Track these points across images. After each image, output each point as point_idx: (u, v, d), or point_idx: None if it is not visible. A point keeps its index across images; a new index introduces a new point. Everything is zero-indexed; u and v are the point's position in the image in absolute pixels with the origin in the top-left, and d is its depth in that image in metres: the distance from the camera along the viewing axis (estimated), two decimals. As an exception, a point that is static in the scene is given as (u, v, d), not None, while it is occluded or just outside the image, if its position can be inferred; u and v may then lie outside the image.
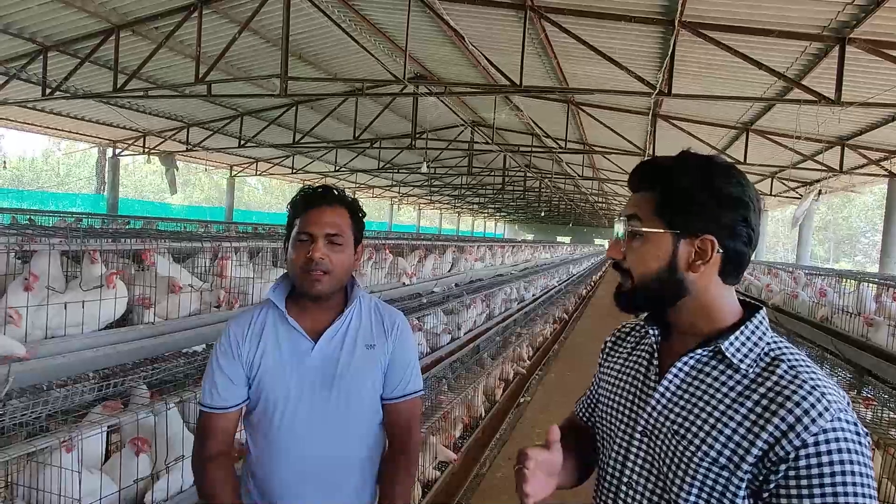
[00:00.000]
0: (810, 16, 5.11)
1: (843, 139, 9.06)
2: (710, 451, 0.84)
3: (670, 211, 0.90)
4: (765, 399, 0.83)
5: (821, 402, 0.80)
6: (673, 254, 0.90)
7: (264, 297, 1.45)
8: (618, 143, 10.76)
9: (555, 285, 13.03)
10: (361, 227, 1.41)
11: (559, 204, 28.16)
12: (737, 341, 0.89)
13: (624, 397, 1.00)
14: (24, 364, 1.99)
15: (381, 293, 4.36)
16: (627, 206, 0.96)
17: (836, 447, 0.78)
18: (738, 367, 0.87)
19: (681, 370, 0.92)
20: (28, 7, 6.45)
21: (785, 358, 0.86)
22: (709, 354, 0.91)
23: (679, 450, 0.88)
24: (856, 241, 43.50)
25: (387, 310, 1.47)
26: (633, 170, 0.98)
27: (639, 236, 0.92)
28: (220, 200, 27.78)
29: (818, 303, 4.77)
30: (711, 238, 0.89)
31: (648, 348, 1.01)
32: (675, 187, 0.90)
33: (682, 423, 0.89)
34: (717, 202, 0.88)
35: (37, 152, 35.86)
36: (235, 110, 11.52)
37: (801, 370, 0.84)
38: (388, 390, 1.41)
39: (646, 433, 0.94)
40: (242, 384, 1.34)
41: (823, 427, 0.78)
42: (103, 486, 1.92)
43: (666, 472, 0.90)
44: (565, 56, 7.29)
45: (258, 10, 6.16)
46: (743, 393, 0.85)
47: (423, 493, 3.55)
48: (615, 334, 1.15)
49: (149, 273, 2.64)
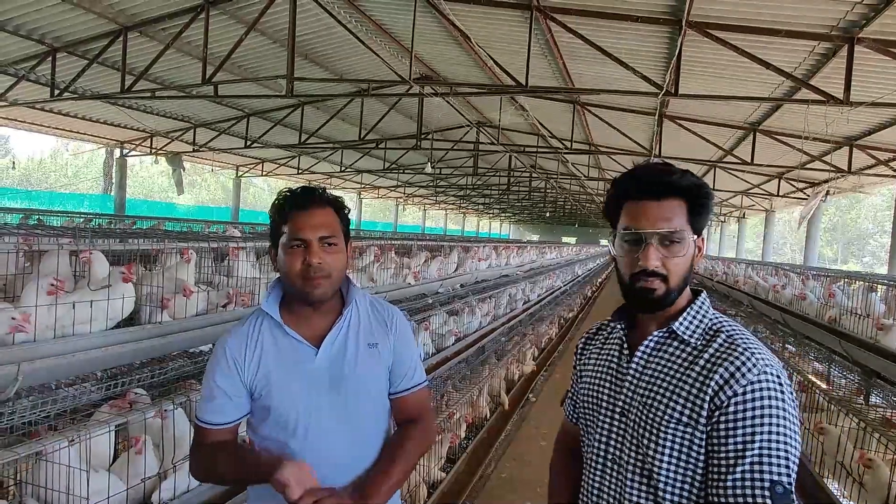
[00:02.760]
0: (819, 15, 5.08)
1: (851, 139, 8.99)
2: (674, 413, 0.99)
3: (695, 216, 1.04)
4: (708, 363, 0.99)
5: (750, 360, 0.95)
6: (694, 253, 1.05)
7: (255, 308, 1.40)
8: (624, 143, 10.72)
9: (560, 286, 13.00)
10: (348, 224, 1.38)
11: (564, 204, 28.11)
12: (685, 321, 1.05)
13: (603, 386, 1.13)
14: (33, 363, 2.00)
15: (386, 294, 4.36)
16: (660, 217, 1.02)
17: (759, 395, 0.92)
18: (688, 342, 1.04)
19: (645, 350, 1.08)
20: (38, 9, 6.51)
21: (724, 329, 1.03)
22: (665, 335, 1.07)
23: (650, 417, 1.02)
24: (864, 242, 43.15)
25: (384, 306, 1.45)
26: (643, 177, 1.06)
27: (682, 244, 1.02)
28: (225, 201, 27.93)
29: (826, 304, 4.73)
30: (704, 237, 1.08)
31: (618, 340, 1.15)
32: (703, 196, 1.05)
33: (649, 395, 1.03)
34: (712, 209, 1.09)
35: (45, 153, 36.16)
36: (242, 111, 11.57)
37: (736, 337, 1.00)
38: (394, 385, 1.40)
39: (624, 413, 1.07)
40: (242, 398, 1.31)
41: (750, 379, 0.93)
42: (111, 485, 1.93)
43: (641, 440, 1.03)
44: (571, 56, 7.28)
45: (265, 10, 6.18)
46: (693, 361, 1.01)
47: (428, 493, 3.55)
48: (584, 337, 1.28)
49: (157, 273, 2.66)
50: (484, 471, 4.22)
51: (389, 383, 1.40)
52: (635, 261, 1.02)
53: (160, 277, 2.63)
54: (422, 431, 1.40)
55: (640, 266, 1.02)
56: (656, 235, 1.01)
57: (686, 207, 1.03)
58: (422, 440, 1.40)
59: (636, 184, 1.06)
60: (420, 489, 3.44)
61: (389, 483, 1.29)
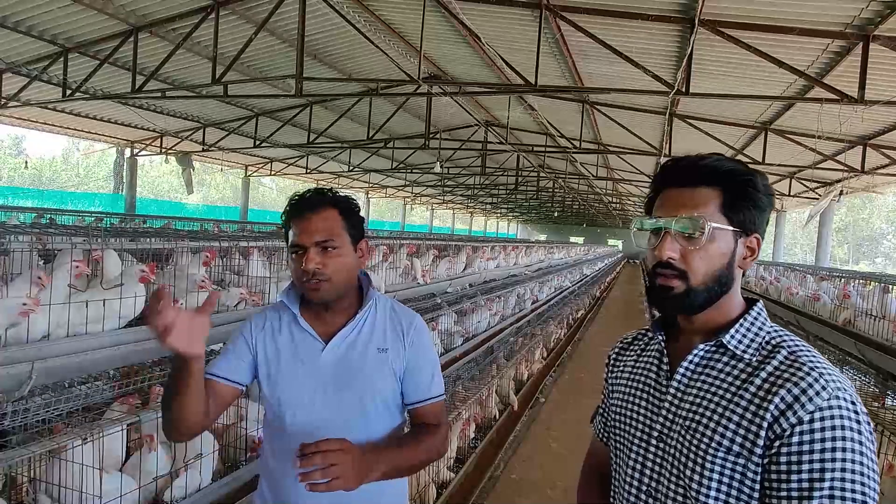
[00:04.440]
0: (833, 13, 5.02)
1: (864, 139, 8.88)
2: (723, 440, 0.84)
3: (735, 209, 0.90)
4: (766, 383, 0.84)
5: (818, 382, 0.81)
6: (733, 252, 0.91)
7: (277, 300, 1.44)
8: (633, 142, 10.66)
9: (568, 286, 12.95)
10: (358, 224, 1.36)
11: (572, 204, 28.00)
12: (738, 333, 0.91)
13: (637, 405, 1.00)
14: (46, 361, 2.01)
15: (395, 293, 4.36)
16: (681, 203, 0.91)
17: (829, 424, 0.78)
18: (741, 357, 0.89)
19: (688, 366, 0.94)
20: (50, 10, 6.57)
21: (785, 345, 0.88)
22: (713, 348, 0.92)
23: (694, 444, 0.88)
24: (877, 242, 42.65)
25: (403, 312, 1.43)
26: (676, 164, 0.94)
27: (703, 234, 0.88)
28: (234, 200, 28.07)
29: (841, 305, 4.67)
30: (758, 237, 0.93)
31: (656, 353, 1.02)
32: (744, 184, 0.90)
33: (694, 417, 0.89)
34: (770, 205, 0.93)
35: (56, 152, 36.55)
36: (251, 111, 11.62)
37: (800, 354, 0.86)
38: (409, 396, 1.39)
39: (661, 438, 0.94)
40: (242, 367, 1.34)
41: (819, 405, 0.79)
42: (123, 484, 1.93)
43: (683, 471, 0.89)
44: (581, 55, 7.24)
45: (274, 10, 6.20)
46: (747, 380, 0.87)
47: (437, 494, 3.54)
48: (618, 346, 1.15)
49: (170, 272, 2.67)
50: (493, 472, 4.20)
51: (403, 394, 1.39)
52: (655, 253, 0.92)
53: (172, 276, 2.64)
54: (432, 437, 1.38)
55: (656, 257, 0.91)
56: (674, 223, 0.89)
57: (721, 197, 0.90)
58: (430, 444, 1.39)
59: (666, 171, 0.95)
60: (429, 489, 3.43)
61: (390, 456, 1.27)
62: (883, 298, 4.03)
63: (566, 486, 3.98)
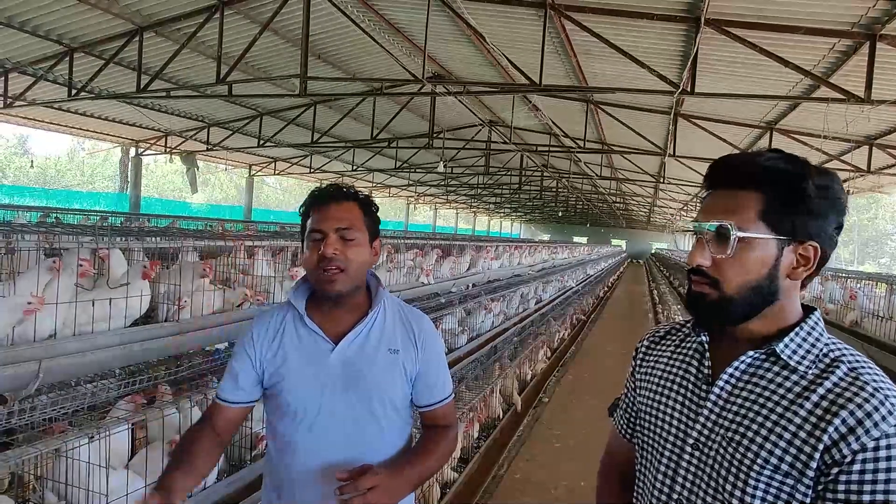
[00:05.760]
0: (839, 12, 4.99)
1: (870, 138, 8.83)
2: (771, 456, 0.78)
3: (780, 215, 0.82)
4: (825, 401, 0.78)
5: (884, 406, 0.75)
6: (776, 261, 0.83)
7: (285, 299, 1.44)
8: (637, 142, 10.63)
9: (572, 286, 12.93)
10: (376, 222, 1.37)
11: (576, 204, 27.95)
12: (792, 343, 0.84)
13: (671, 406, 0.93)
14: (53, 360, 2.02)
15: (399, 293, 4.36)
16: (717, 207, 0.85)
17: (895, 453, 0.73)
18: (794, 369, 0.82)
19: (734, 373, 0.87)
20: (55, 10, 6.59)
21: (845, 359, 0.82)
22: (763, 356, 0.85)
23: (737, 458, 0.81)
24: (882, 243, 42.44)
25: (413, 314, 1.43)
26: (721, 164, 0.88)
27: (739, 241, 0.82)
28: (238, 199, 28.11)
29: (847, 306, 4.65)
30: (816, 245, 0.83)
31: (695, 353, 0.94)
32: (792, 192, 0.82)
33: (738, 430, 0.82)
34: (832, 208, 0.84)
35: (62, 152, 36.69)
36: (255, 110, 11.64)
37: (862, 372, 0.80)
38: (422, 399, 1.39)
39: (697, 447, 0.87)
40: (249, 386, 1.33)
41: (886, 431, 0.73)
42: (129, 481, 1.94)
43: (724, 485, 0.82)
44: (585, 55, 7.22)
45: (279, 10, 6.20)
46: (802, 394, 0.80)
47: (441, 493, 3.54)
48: (650, 338, 1.06)
49: (175, 271, 2.67)
50: (497, 471, 4.20)
51: (416, 396, 1.39)
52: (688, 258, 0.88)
53: (177, 275, 2.64)
54: (445, 441, 1.41)
55: (688, 262, 0.87)
56: (708, 228, 0.83)
57: (762, 202, 0.82)
58: (445, 448, 1.41)
59: (712, 172, 0.89)
60: (433, 489, 3.43)
61: (420, 468, 1.31)
62: (890, 300, 4.00)
63: (570, 486, 3.97)
